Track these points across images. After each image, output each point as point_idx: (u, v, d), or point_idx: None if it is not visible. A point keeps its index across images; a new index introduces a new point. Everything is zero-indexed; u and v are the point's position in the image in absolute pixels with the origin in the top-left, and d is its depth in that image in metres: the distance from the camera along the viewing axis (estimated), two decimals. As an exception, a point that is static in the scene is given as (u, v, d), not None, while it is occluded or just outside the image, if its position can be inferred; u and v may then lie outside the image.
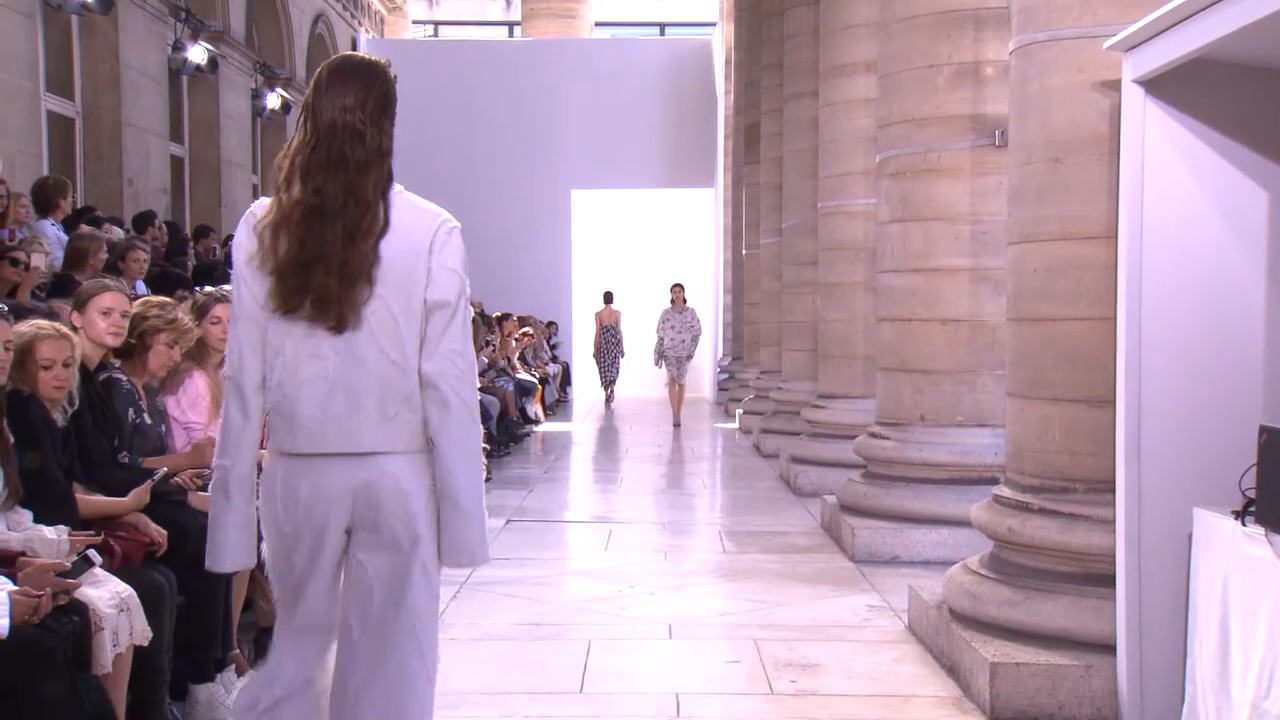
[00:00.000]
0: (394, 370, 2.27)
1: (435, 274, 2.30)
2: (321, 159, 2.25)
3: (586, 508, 8.38)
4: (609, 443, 13.05)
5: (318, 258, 2.24)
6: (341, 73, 2.28)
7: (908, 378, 6.44)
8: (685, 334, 14.13)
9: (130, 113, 10.66)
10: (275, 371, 2.28)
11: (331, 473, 2.25)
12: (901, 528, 6.20)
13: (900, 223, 6.43)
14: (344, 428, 2.25)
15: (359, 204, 2.25)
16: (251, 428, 2.30)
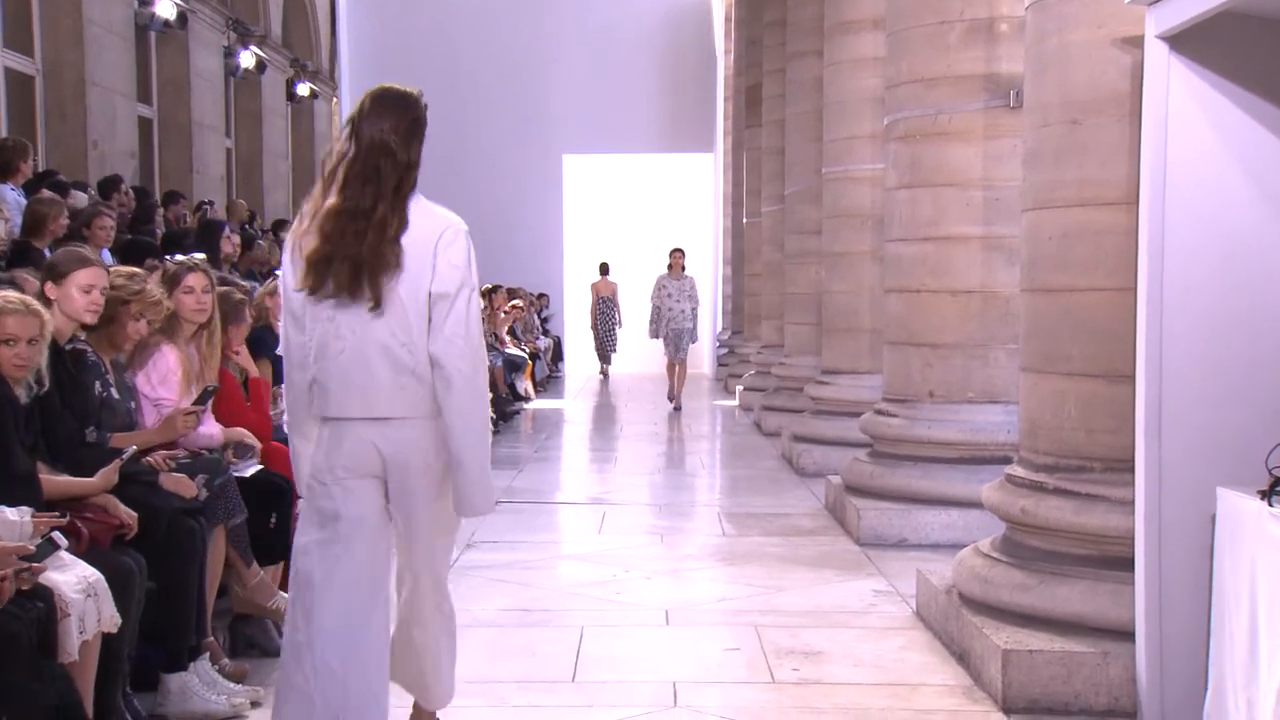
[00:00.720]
0: (402, 349, 2.87)
1: (439, 269, 2.89)
2: (359, 170, 2.91)
3: (579, 489, 8.39)
4: (603, 420, 13.05)
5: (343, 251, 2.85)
6: (382, 100, 2.94)
7: (916, 352, 6.42)
8: (685, 303, 13.41)
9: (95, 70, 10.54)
10: (310, 352, 2.94)
11: (361, 433, 2.91)
12: (909, 509, 6.20)
13: (909, 189, 6.40)
14: (365, 397, 2.89)
15: (387, 207, 2.88)
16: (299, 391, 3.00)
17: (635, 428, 12.00)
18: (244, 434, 4.46)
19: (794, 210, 10.58)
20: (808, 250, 10.21)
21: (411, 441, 2.90)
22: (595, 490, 8.16)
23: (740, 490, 8.19)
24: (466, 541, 6.14)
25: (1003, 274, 6.16)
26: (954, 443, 6.27)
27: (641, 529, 6.84)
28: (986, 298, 6.24)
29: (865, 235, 8.52)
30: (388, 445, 2.91)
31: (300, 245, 2.93)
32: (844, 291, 8.69)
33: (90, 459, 3.55)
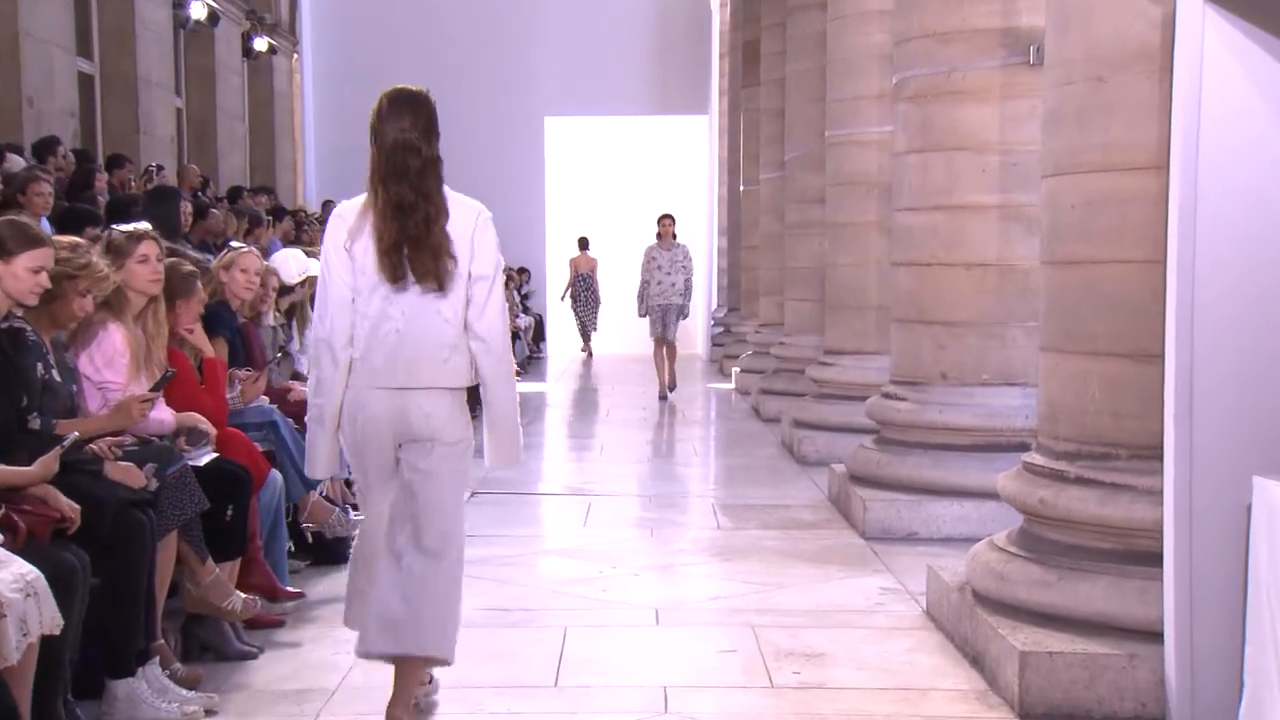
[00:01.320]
0: (446, 326, 3.50)
1: (478, 252, 3.52)
2: (390, 170, 3.47)
3: (562, 478, 8.38)
4: (588, 405, 13.04)
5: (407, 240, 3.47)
6: (397, 102, 3.50)
7: (927, 330, 6.42)
8: (676, 275, 12.71)
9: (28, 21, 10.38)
10: (361, 331, 3.50)
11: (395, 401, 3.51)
12: (919, 500, 6.21)
13: (919, 153, 6.38)
14: (410, 369, 3.49)
15: (428, 199, 3.47)
16: (340, 374, 3.52)
17: (622, 413, 12.00)
18: (198, 419, 4.43)
19: (795, 177, 10.56)
20: (810, 221, 10.19)
21: (441, 407, 3.54)
22: (580, 480, 8.16)
23: (736, 480, 8.19)
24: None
25: (1021, 246, 6.15)
26: (968, 428, 6.27)
27: (629, 522, 6.83)
28: (1003, 271, 6.24)
29: (872, 204, 8.50)
30: (419, 411, 3.51)
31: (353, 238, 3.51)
32: (849, 265, 8.68)
33: (33, 447, 3.51)
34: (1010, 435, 6.20)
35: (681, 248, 12.92)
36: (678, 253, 12.84)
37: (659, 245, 12.90)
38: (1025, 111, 6.03)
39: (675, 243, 12.90)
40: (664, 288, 12.73)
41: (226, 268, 5.48)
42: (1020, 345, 6.21)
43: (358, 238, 3.52)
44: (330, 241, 3.57)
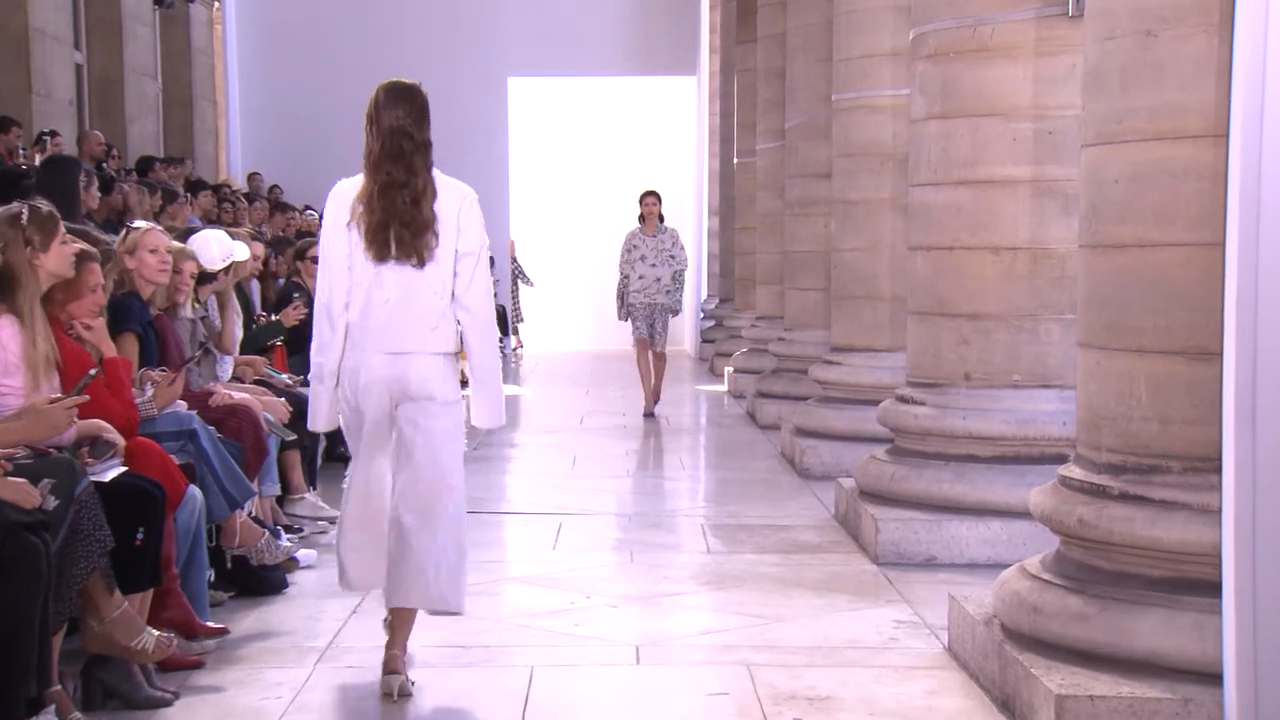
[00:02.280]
0: (435, 298, 4.39)
1: (464, 230, 4.43)
2: (387, 152, 4.40)
3: (529, 495, 8.36)
4: (560, 409, 13.01)
5: (394, 218, 4.36)
6: (393, 93, 4.47)
7: (949, 324, 6.41)
8: (662, 267, 11.80)
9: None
10: (357, 299, 4.39)
11: (394, 364, 4.40)
12: (939, 519, 6.20)
13: (940, 120, 6.38)
14: (402, 335, 4.37)
15: (416, 179, 4.39)
16: (338, 337, 4.43)
17: (600, 419, 11.98)
18: (103, 427, 4.39)
19: (797, 148, 10.55)
20: (814, 198, 10.19)
21: (435, 369, 4.43)
22: (549, 497, 8.14)
23: (729, 496, 8.18)
24: (387, 562, 6.08)
25: (1057, 226, 6.15)
26: (995, 437, 6.27)
27: (606, 545, 6.82)
28: (1036, 256, 6.24)
29: (885, 179, 8.50)
30: (416, 373, 4.41)
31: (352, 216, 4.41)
32: (859, 249, 8.67)
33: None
34: (1044, 445, 6.20)
35: (669, 233, 11.95)
36: (665, 239, 11.85)
37: (642, 230, 11.90)
38: (1063, 71, 6.03)
39: (662, 227, 11.89)
40: (647, 283, 11.77)
41: (131, 251, 5.43)
42: (1056, 341, 6.21)
43: (354, 215, 4.43)
44: (330, 217, 4.50)
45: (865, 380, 8.49)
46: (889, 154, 8.44)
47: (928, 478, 6.38)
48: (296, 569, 5.91)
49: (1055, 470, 4.48)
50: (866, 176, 8.59)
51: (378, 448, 4.46)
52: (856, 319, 8.69)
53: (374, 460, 4.48)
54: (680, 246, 12.03)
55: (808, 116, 10.27)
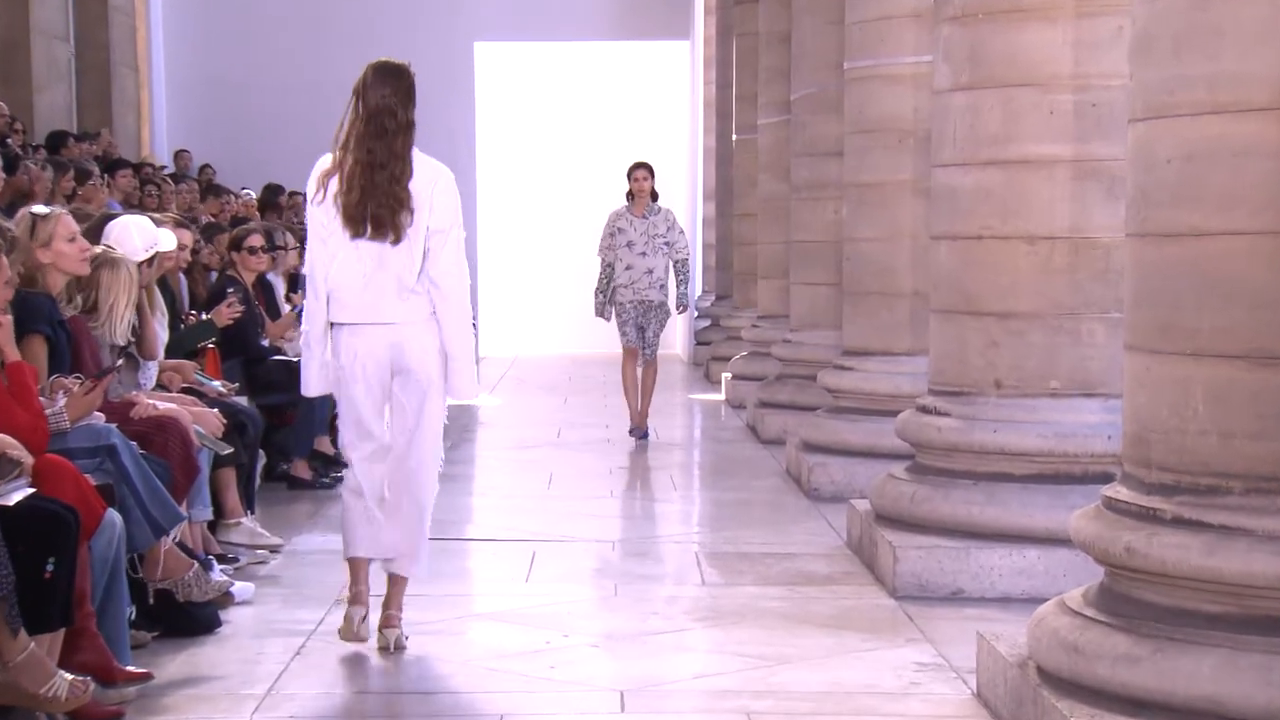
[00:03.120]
0: (407, 271, 5.20)
1: (436, 208, 5.21)
2: (370, 130, 5.16)
3: (498, 519, 8.35)
4: (535, 421, 13.00)
5: (371, 196, 5.15)
6: (381, 72, 5.26)
7: (977, 324, 6.41)
8: (654, 257, 11.05)
9: None
10: (333, 272, 5.24)
11: (373, 336, 5.27)
12: (966, 547, 6.20)
13: (967, 91, 6.38)
14: (377, 306, 5.22)
15: (397, 159, 5.16)
16: (321, 305, 5.30)
17: (579, 432, 11.97)
18: (7, 443, 4.36)
19: (804, 123, 10.56)
20: (824, 180, 10.19)
21: (411, 338, 5.31)
22: (521, 522, 8.13)
23: (727, 521, 8.17)
24: (336, 596, 6.07)
25: (1101, 212, 6.15)
26: (1030, 453, 6.27)
27: (586, 576, 6.81)
28: (1077, 246, 6.23)
29: (905, 158, 8.50)
30: (394, 341, 5.30)
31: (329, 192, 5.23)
32: (875, 239, 8.68)
33: None
34: (1087, 462, 6.20)
35: (663, 214, 11.15)
36: (657, 221, 11.06)
37: (630, 210, 11.11)
38: (1107, 34, 6.04)
39: (654, 207, 11.13)
40: (636, 275, 11.01)
41: (46, 243, 5.39)
42: (1100, 344, 6.21)
43: (328, 192, 5.23)
44: (309, 193, 5.33)
45: (882, 388, 8.48)
46: (909, 130, 8.44)
47: (954, 499, 6.37)
48: (231, 605, 5.88)
49: (1099, 491, 4.47)
50: (883, 156, 8.59)
51: (375, 415, 5.39)
52: (872, 318, 8.69)
53: (371, 426, 5.40)
54: (679, 231, 11.25)
55: (816, 87, 10.27)
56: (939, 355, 6.69)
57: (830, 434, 8.76)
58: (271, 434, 8.67)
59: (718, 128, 18.25)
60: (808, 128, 10.48)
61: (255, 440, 7.28)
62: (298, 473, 8.81)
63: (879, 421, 8.17)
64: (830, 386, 8.99)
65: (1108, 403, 6.12)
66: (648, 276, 11.05)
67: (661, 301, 11.14)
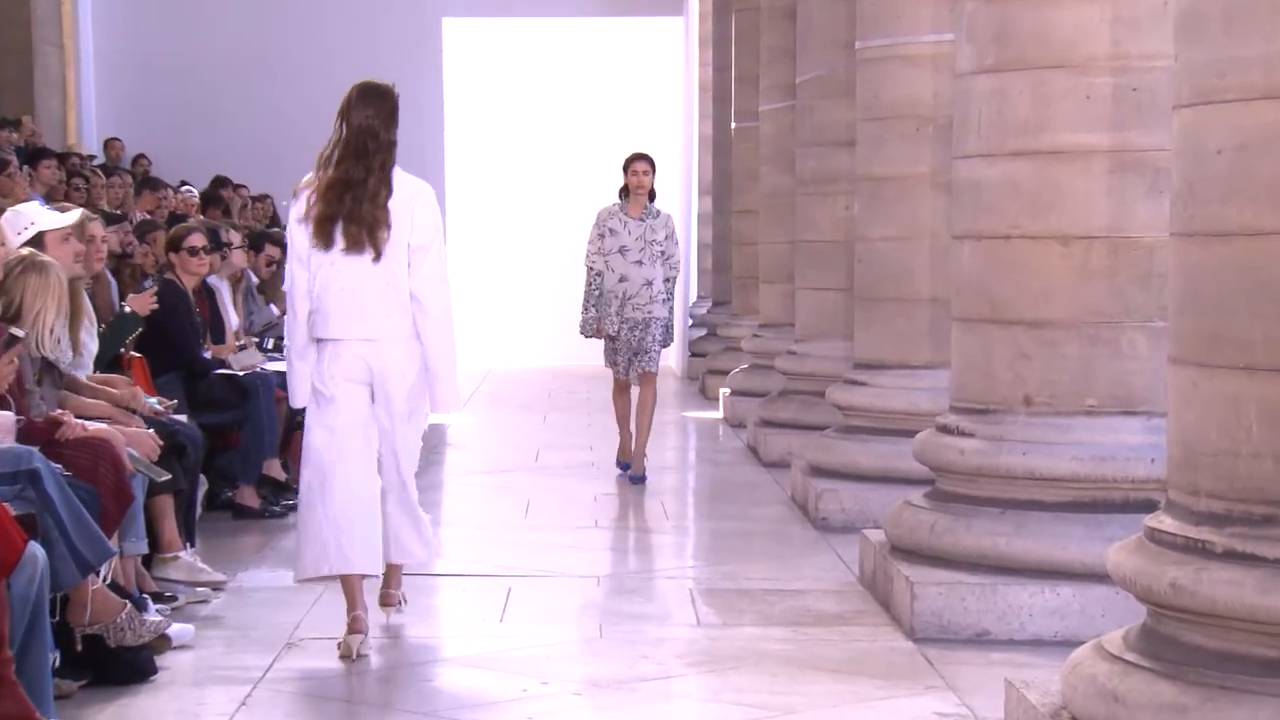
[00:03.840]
0: (389, 288, 5.86)
1: (417, 225, 5.91)
2: (349, 149, 5.87)
3: (470, 552, 8.34)
4: (511, 443, 12.98)
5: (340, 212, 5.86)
6: (365, 93, 5.95)
7: (1004, 334, 6.42)
8: (650, 266, 10.30)
9: None
10: (315, 289, 5.89)
11: (355, 350, 5.93)
12: (992, 583, 6.20)
13: (994, 73, 6.39)
14: (359, 323, 5.88)
15: (376, 178, 5.85)
16: (300, 322, 5.97)
17: (560, 454, 11.95)
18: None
19: (811, 109, 10.58)
20: (833, 173, 10.20)
21: (393, 356, 5.99)
22: (495, 555, 8.12)
23: (726, 553, 8.17)
24: (287, 639, 6.05)
25: (1143, 209, 6.16)
26: (1064, 478, 6.27)
27: (567, 616, 6.81)
28: (1116, 247, 6.24)
29: (924, 149, 8.51)
30: (375, 358, 5.98)
31: (308, 209, 5.95)
32: (890, 238, 8.69)
33: None
34: (1127, 488, 6.20)
35: (662, 218, 10.44)
36: (656, 226, 10.35)
37: (624, 209, 10.38)
38: (1150, 11, 6.05)
39: (652, 209, 10.44)
40: (633, 288, 10.27)
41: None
42: (1142, 355, 6.21)
43: (308, 208, 5.97)
44: (293, 213, 6.07)
45: (898, 405, 8.48)
46: (928, 117, 8.45)
47: (978, 530, 6.36)
48: (168, 650, 5.85)
49: (1141, 521, 4.45)
50: (900, 146, 8.60)
51: (357, 428, 6.06)
52: (887, 327, 8.69)
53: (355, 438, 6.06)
54: (675, 242, 10.59)
55: (825, 69, 10.28)
56: (962, 369, 6.69)
57: (840, 456, 8.76)
58: (214, 457, 8.65)
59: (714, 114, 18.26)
60: (815, 114, 10.48)
61: (196, 464, 7.25)
62: (244, 500, 8.78)
63: (895, 443, 8.16)
64: (840, 403, 8.98)
65: (1151, 422, 6.12)
66: (646, 290, 10.27)
67: (659, 318, 10.32)
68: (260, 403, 8.73)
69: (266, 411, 8.74)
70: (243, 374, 8.85)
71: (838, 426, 9.03)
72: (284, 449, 9.17)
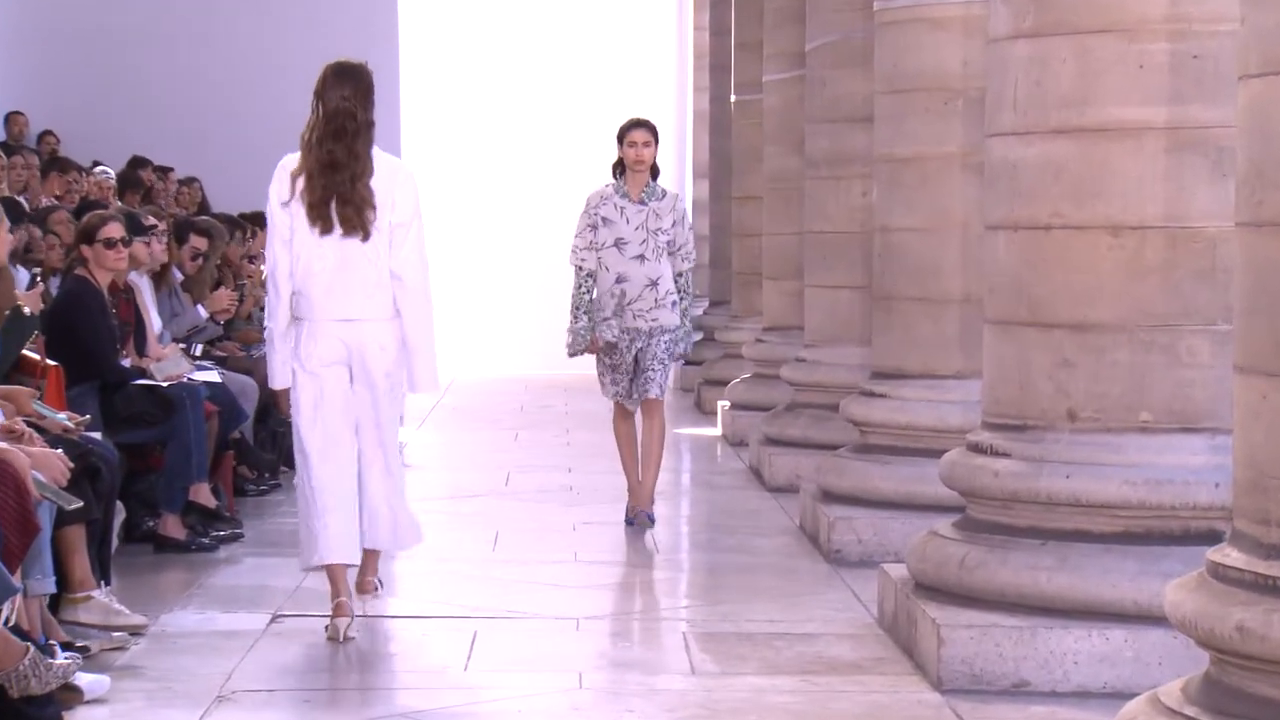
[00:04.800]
0: (370, 267, 6.88)
1: (398, 203, 6.92)
2: (330, 131, 6.82)
3: (431, 589, 8.34)
4: (477, 463, 12.96)
5: (335, 195, 6.82)
6: (340, 73, 6.91)
7: (1044, 339, 6.42)
8: (656, 262, 9.48)
9: None
10: (298, 269, 6.89)
11: (336, 331, 6.90)
12: (1032, 627, 6.19)
13: (1032, 39, 6.40)
14: (341, 302, 6.88)
15: (357, 159, 6.84)
16: (283, 303, 6.95)
17: (533, 476, 11.96)
18: None
19: (823, 80, 10.59)
20: (848, 153, 10.22)
21: (373, 335, 6.91)
22: (459, 593, 8.12)
23: (725, 591, 8.18)
24: (217, 692, 6.04)
25: (1205, 194, 6.16)
26: (1114, 504, 6.26)
27: (543, 663, 6.81)
28: (1174, 238, 6.25)
29: (953, 125, 8.52)
30: (353, 337, 6.88)
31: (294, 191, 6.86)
32: (913, 229, 8.70)
33: None
34: (1187, 516, 6.20)
35: (669, 199, 9.68)
36: (661, 209, 9.56)
37: (619, 189, 9.63)
38: (1211, -33, 6.07)
39: (655, 188, 9.67)
40: (633, 288, 9.47)
41: None
42: (1204, 364, 6.22)
43: (294, 193, 6.88)
44: (273, 195, 7.00)
45: (923, 420, 8.49)
46: (958, 89, 8.46)
47: (1015, 564, 6.35)
48: (79, 704, 5.84)
49: (1203, 554, 4.46)
50: (925, 122, 8.61)
51: (337, 413, 6.99)
52: (910, 331, 8.69)
53: (334, 426, 6.99)
54: (687, 227, 9.80)
55: (839, 34, 10.30)
56: (996, 379, 6.68)
57: (856, 480, 8.76)
58: (133, 481, 8.63)
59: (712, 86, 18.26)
60: (827, 86, 10.49)
61: (112, 489, 7.22)
62: (167, 531, 8.74)
63: (919, 464, 8.18)
64: (856, 419, 8.97)
65: (1214, 440, 6.12)
66: (650, 291, 9.48)
67: (675, 327, 9.60)
68: (187, 418, 8.70)
69: (194, 428, 8.71)
70: (166, 385, 8.80)
71: (853, 445, 9.02)
72: (214, 471, 9.15)
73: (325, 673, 6.54)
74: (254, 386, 10.73)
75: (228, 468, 9.76)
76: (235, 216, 13.27)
